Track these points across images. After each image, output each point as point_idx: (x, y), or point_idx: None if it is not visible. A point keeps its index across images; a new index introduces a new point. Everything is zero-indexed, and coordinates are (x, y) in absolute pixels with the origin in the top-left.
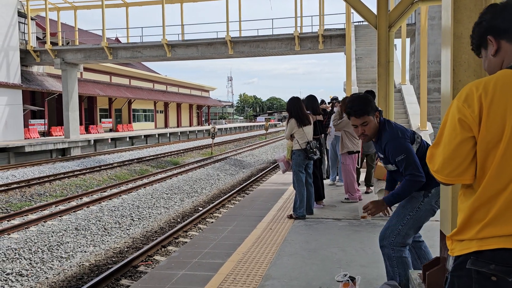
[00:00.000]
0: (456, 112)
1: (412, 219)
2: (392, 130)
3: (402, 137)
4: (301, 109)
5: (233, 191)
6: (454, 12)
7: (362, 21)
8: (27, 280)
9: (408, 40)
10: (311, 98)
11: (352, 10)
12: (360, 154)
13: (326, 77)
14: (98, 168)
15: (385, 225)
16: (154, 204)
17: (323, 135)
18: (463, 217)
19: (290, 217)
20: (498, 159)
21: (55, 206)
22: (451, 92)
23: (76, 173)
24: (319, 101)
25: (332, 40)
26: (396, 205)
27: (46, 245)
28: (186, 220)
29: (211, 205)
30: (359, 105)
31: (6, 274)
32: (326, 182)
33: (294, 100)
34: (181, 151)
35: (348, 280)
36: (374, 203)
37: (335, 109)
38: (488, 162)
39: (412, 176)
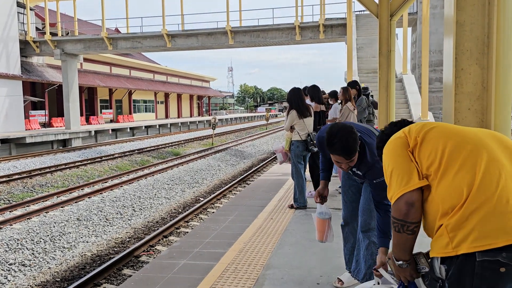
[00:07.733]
0: None
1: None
2: (372, 155)
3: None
4: (301, 100)
5: (234, 182)
6: (457, 0)
7: (364, 10)
8: (29, 270)
9: (409, 30)
10: (315, 88)
11: None
12: None
13: (327, 67)
14: (99, 159)
15: (362, 212)
16: (155, 194)
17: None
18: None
19: (291, 207)
20: None
21: (57, 197)
22: (453, 81)
23: (77, 164)
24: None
25: (333, 29)
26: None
27: (48, 235)
28: (187, 210)
29: (212, 196)
30: (353, 145)
31: (9, 264)
32: None
33: (295, 91)
34: (182, 141)
35: None
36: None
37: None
38: None
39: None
